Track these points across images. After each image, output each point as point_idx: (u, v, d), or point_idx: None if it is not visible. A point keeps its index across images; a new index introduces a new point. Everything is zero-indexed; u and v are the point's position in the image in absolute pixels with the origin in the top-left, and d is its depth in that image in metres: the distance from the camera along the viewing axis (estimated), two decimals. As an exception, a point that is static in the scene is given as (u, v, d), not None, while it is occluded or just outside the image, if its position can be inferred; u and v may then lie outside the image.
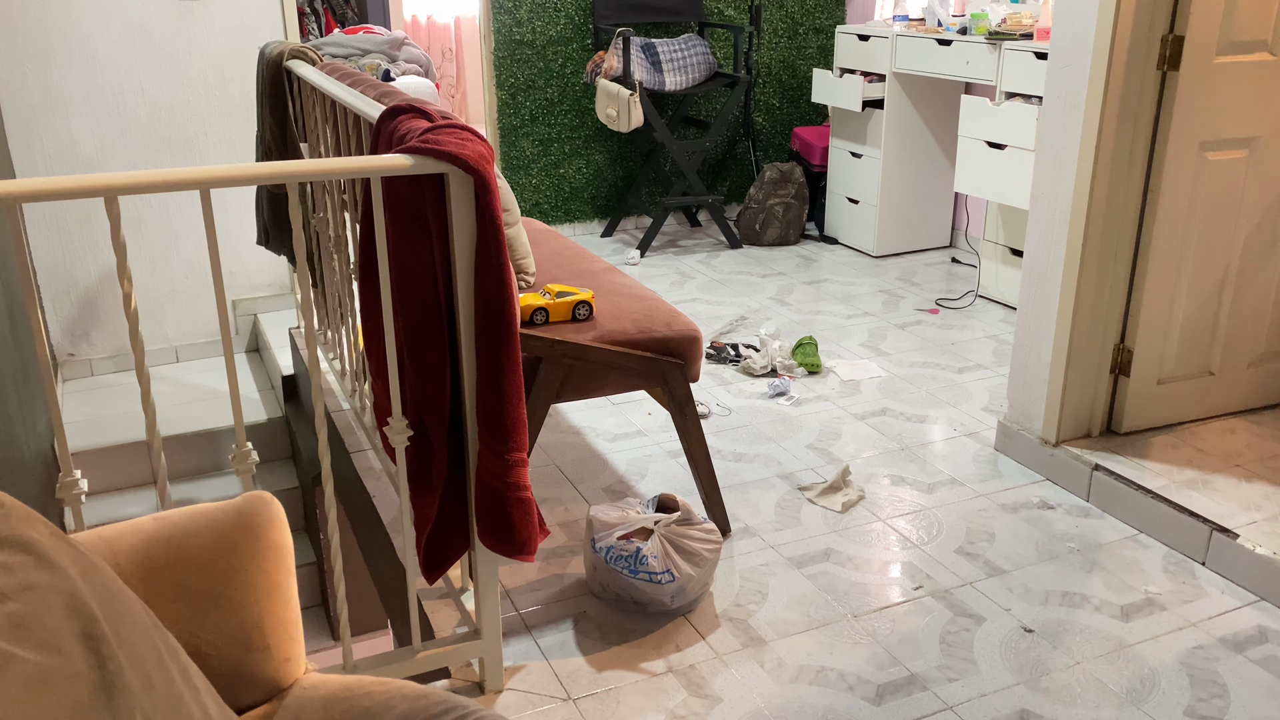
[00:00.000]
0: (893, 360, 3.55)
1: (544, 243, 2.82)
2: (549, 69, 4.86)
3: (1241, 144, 2.60)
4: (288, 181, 1.56)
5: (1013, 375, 2.84)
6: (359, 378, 2.80)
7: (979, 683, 1.99)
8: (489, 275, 1.64)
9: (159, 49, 3.83)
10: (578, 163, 5.05)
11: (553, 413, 3.15)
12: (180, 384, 4.03)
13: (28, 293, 1.44)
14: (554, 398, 2.27)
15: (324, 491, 1.76)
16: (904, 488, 2.71)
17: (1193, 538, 2.38)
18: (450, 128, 1.65)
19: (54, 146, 3.78)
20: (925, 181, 4.67)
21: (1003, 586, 2.28)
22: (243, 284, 4.23)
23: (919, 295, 4.22)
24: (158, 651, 1.07)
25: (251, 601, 1.31)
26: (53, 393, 1.51)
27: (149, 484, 3.73)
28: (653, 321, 2.33)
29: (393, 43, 4.74)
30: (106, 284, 4.00)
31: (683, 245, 4.96)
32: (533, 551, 1.76)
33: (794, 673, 2.01)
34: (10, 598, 0.91)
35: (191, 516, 1.33)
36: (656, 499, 2.28)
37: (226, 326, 1.59)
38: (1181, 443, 2.72)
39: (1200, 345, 2.76)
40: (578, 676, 2.01)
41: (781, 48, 5.25)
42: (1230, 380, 2.83)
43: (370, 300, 1.87)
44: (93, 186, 1.40)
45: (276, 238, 3.20)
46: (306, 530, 3.93)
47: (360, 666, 1.84)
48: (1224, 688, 1.97)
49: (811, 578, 2.32)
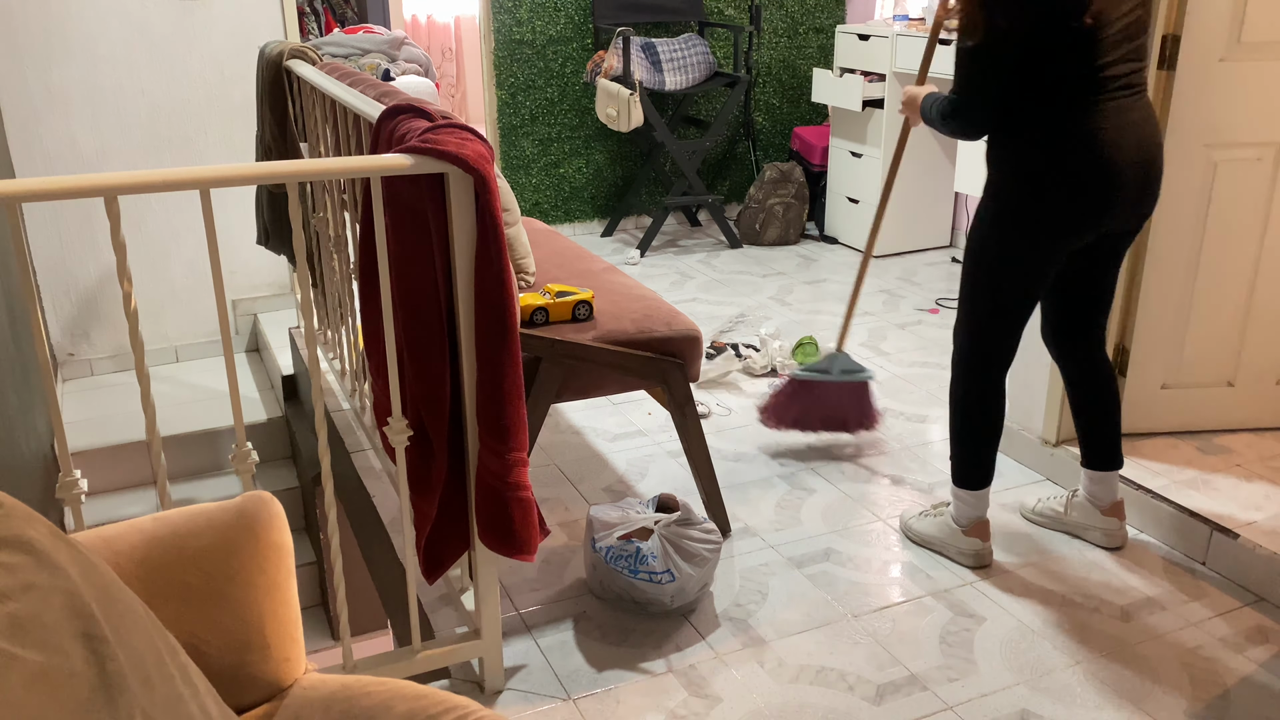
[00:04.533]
0: (893, 360, 3.55)
1: (544, 243, 2.82)
2: (549, 69, 4.86)
3: (1258, 148, 2.51)
4: (288, 181, 1.56)
5: (1013, 374, 2.83)
6: (359, 378, 2.80)
7: (979, 683, 1.98)
8: (489, 275, 1.63)
9: (159, 49, 3.83)
10: (578, 162, 5.05)
11: (553, 413, 3.15)
12: (180, 384, 4.03)
13: (28, 293, 1.44)
14: (554, 398, 2.27)
15: (324, 491, 1.76)
16: (904, 488, 2.70)
17: (1193, 538, 2.38)
18: (450, 127, 1.65)
19: (54, 146, 3.78)
20: (925, 181, 4.67)
21: (1003, 586, 2.28)
22: (243, 284, 4.23)
23: (919, 295, 4.22)
24: (158, 651, 1.07)
25: (251, 601, 1.31)
26: (53, 393, 1.51)
27: (149, 484, 3.73)
28: (653, 321, 2.33)
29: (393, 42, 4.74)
30: (106, 284, 4.00)
31: (683, 245, 4.96)
32: (533, 551, 1.76)
33: (794, 673, 2.01)
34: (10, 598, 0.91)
35: (191, 516, 1.33)
36: (656, 499, 2.28)
37: (226, 326, 1.59)
38: (1181, 443, 2.72)
39: (1217, 354, 2.68)
40: (578, 676, 2.01)
41: (781, 47, 5.25)
42: (1253, 394, 2.73)
43: (370, 300, 1.87)
44: (93, 186, 1.40)
45: (276, 237, 3.20)
46: (306, 530, 3.93)
47: (360, 666, 1.84)
48: (1224, 688, 1.97)
49: (811, 578, 2.32)
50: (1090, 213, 2.04)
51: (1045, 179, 2.03)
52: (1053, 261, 2.12)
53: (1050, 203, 2.03)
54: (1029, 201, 2.06)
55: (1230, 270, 2.62)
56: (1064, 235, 2.07)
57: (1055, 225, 2.06)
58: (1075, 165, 2.01)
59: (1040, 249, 2.10)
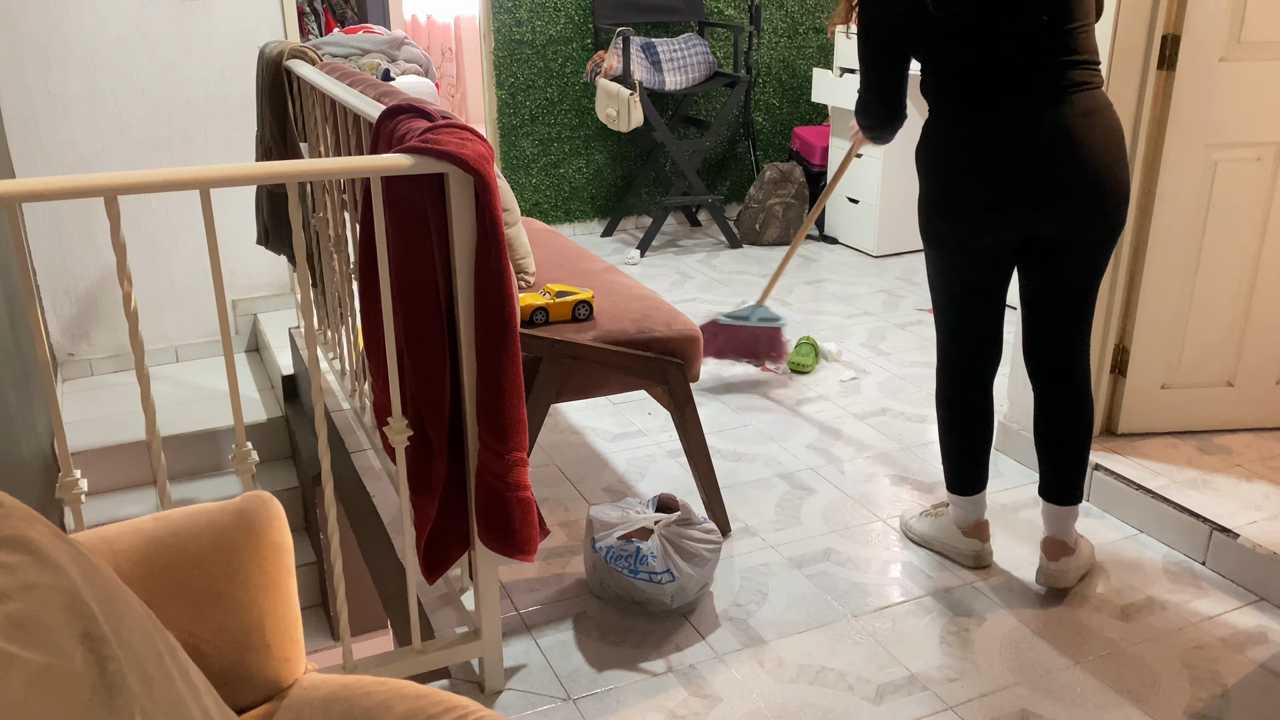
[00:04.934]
0: (892, 360, 3.55)
1: (544, 243, 2.82)
2: (549, 69, 4.86)
3: (1258, 148, 2.51)
4: (288, 181, 1.56)
5: (1013, 374, 2.84)
6: (359, 378, 2.80)
7: (979, 683, 1.98)
8: (489, 275, 1.63)
9: (159, 49, 3.83)
10: (578, 162, 5.05)
11: (553, 413, 3.15)
12: (180, 384, 4.03)
13: (28, 293, 1.44)
14: (554, 398, 2.27)
15: (324, 491, 1.76)
16: (904, 488, 2.70)
17: (1193, 538, 2.38)
18: (450, 127, 1.65)
19: (54, 146, 3.78)
20: (925, 181, 4.66)
21: (1003, 586, 2.28)
22: (243, 284, 4.23)
23: (919, 295, 4.22)
24: (158, 651, 1.07)
25: (251, 601, 1.31)
26: (53, 393, 1.51)
27: (149, 484, 3.73)
28: (653, 321, 2.33)
29: (393, 42, 4.75)
30: (106, 284, 4.00)
31: (683, 245, 4.96)
32: (533, 551, 1.76)
33: (794, 673, 2.01)
34: (10, 598, 0.91)
35: (191, 516, 1.33)
36: (656, 499, 2.28)
37: (226, 326, 1.59)
38: (1181, 443, 2.72)
39: (1217, 354, 2.68)
40: (578, 676, 2.01)
41: (781, 47, 5.25)
42: (1253, 394, 2.73)
43: (370, 300, 1.87)
44: (93, 186, 1.40)
45: (276, 237, 3.20)
46: (306, 530, 3.93)
47: (360, 666, 1.84)
48: (1224, 688, 1.97)
49: (811, 578, 2.32)
50: (970, 214, 1.99)
51: (927, 169, 2.05)
52: (967, 263, 2.06)
53: (934, 197, 2.04)
54: (923, 197, 2.09)
55: (1230, 270, 2.61)
56: (955, 231, 2.03)
57: (943, 221, 2.04)
58: (947, 160, 2.00)
59: (943, 247, 2.07)
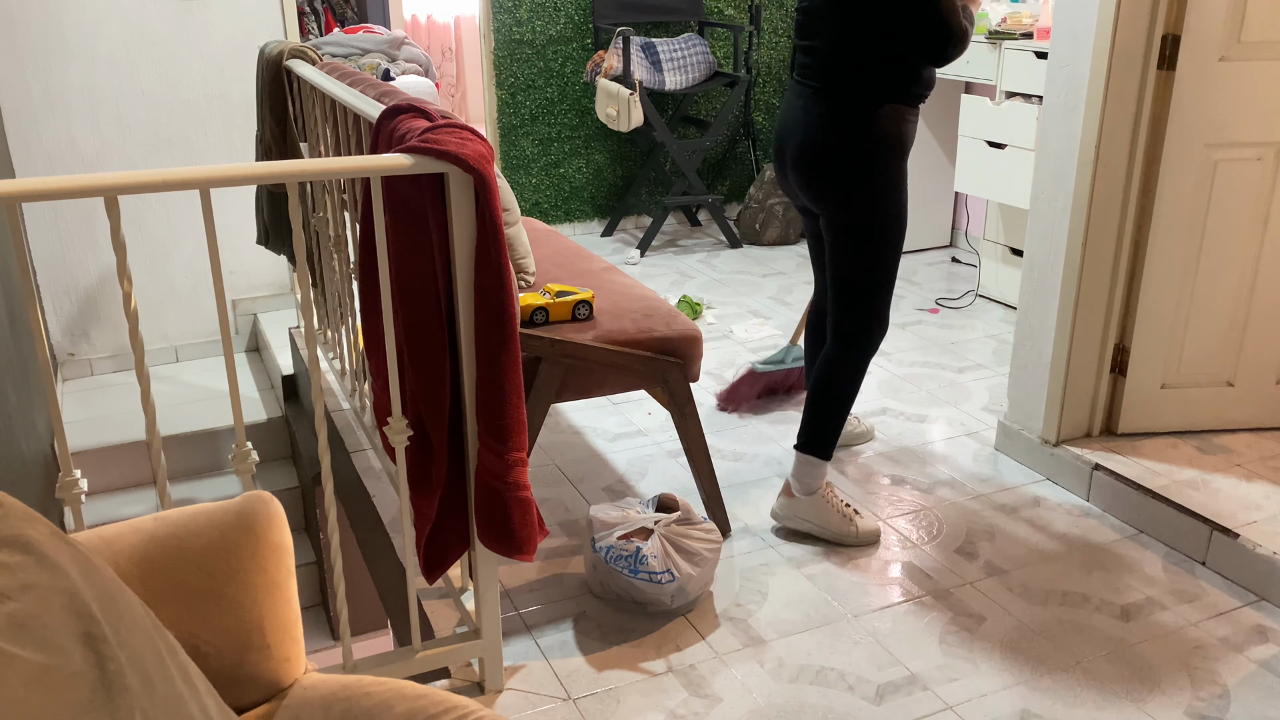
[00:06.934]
0: (893, 360, 3.55)
1: (544, 242, 2.82)
2: (549, 68, 4.86)
3: (1258, 148, 2.51)
4: (288, 181, 1.56)
5: (1013, 375, 2.84)
6: (359, 378, 2.80)
7: (979, 683, 1.99)
8: (489, 275, 1.63)
9: (159, 49, 3.83)
10: (578, 162, 5.05)
11: (553, 413, 3.15)
12: (180, 384, 4.03)
13: (28, 293, 1.44)
14: (554, 398, 2.27)
15: (324, 491, 1.76)
16: (904, 488, 2.71)
17: (1193, 538, 2.38)
18: (450, 127, 1.65)
19: (54, 146, 3.78)
20: (925, 181, 4.67)
21: (1003, 586, 2.28)
22: (243, 284, 4.23)
23: (919, 295, 4.22)
24: (158, 651, 1.07)
25: (251, 601, 1.31)
26: (53, 392, 1.51)
27: (149, 484, 3.73)
28: (653, 321, 2.33)
29: (393, 42, 4.75)
30: (106, 284, 4.00)
31: (683, 245, 4.96)
32: (532, 551, 1.76)
33: (794, 673, 2.01)
34: (10, 598, 0.91)
35: (191, 516, 1.33)
36: (656, 499, 2.28)
37: (226, 326, 1.59)
38: (1181, 443, 2.72)
39: (1216, 354, 2.68)
40: (578, 676, 2.01)
41: (781, 47, 5.25)
42: (1253, 394, 2.73)
43: (370, 300, 1.86)
44: (93, 186, 1.40)
45: (276, 237, 3.20)
46: (306, 530, 3.93)
47: (360, 666, 1.84)
48: (1224, 688, 1.97)
49: (811, 578, 2.32)
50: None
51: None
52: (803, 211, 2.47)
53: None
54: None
55: (1230, 270, 2.61)
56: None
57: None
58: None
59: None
